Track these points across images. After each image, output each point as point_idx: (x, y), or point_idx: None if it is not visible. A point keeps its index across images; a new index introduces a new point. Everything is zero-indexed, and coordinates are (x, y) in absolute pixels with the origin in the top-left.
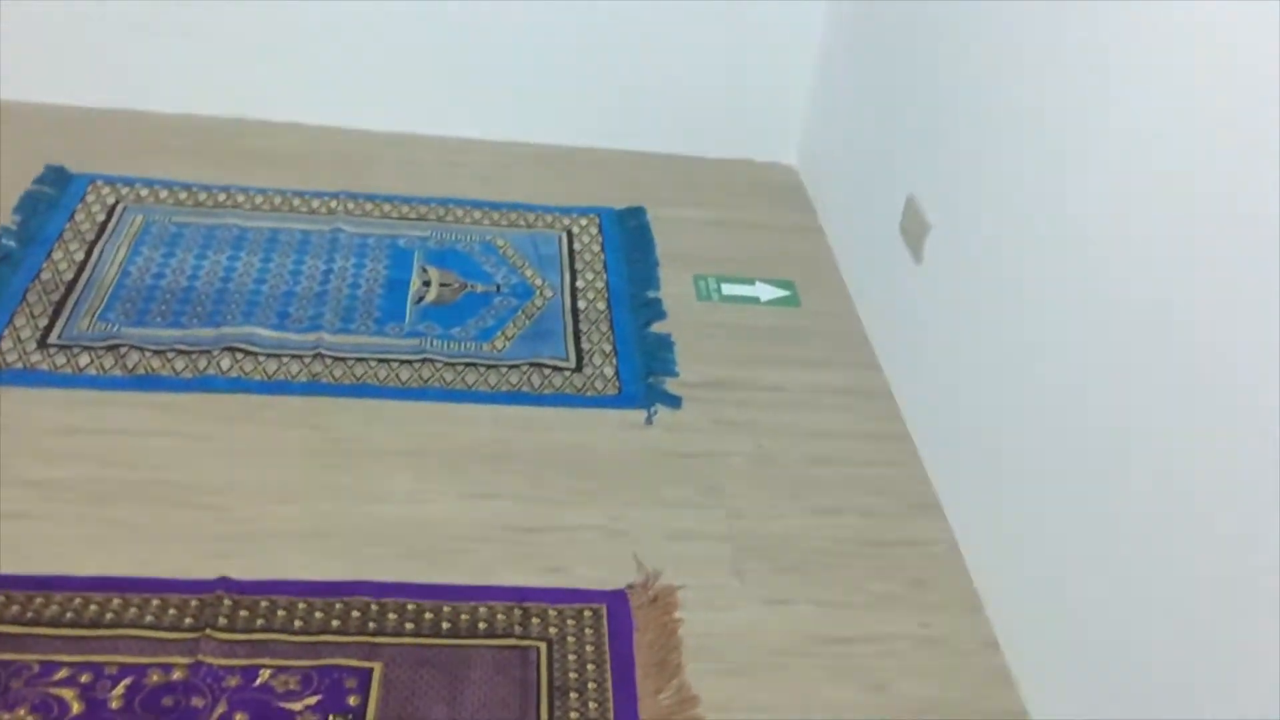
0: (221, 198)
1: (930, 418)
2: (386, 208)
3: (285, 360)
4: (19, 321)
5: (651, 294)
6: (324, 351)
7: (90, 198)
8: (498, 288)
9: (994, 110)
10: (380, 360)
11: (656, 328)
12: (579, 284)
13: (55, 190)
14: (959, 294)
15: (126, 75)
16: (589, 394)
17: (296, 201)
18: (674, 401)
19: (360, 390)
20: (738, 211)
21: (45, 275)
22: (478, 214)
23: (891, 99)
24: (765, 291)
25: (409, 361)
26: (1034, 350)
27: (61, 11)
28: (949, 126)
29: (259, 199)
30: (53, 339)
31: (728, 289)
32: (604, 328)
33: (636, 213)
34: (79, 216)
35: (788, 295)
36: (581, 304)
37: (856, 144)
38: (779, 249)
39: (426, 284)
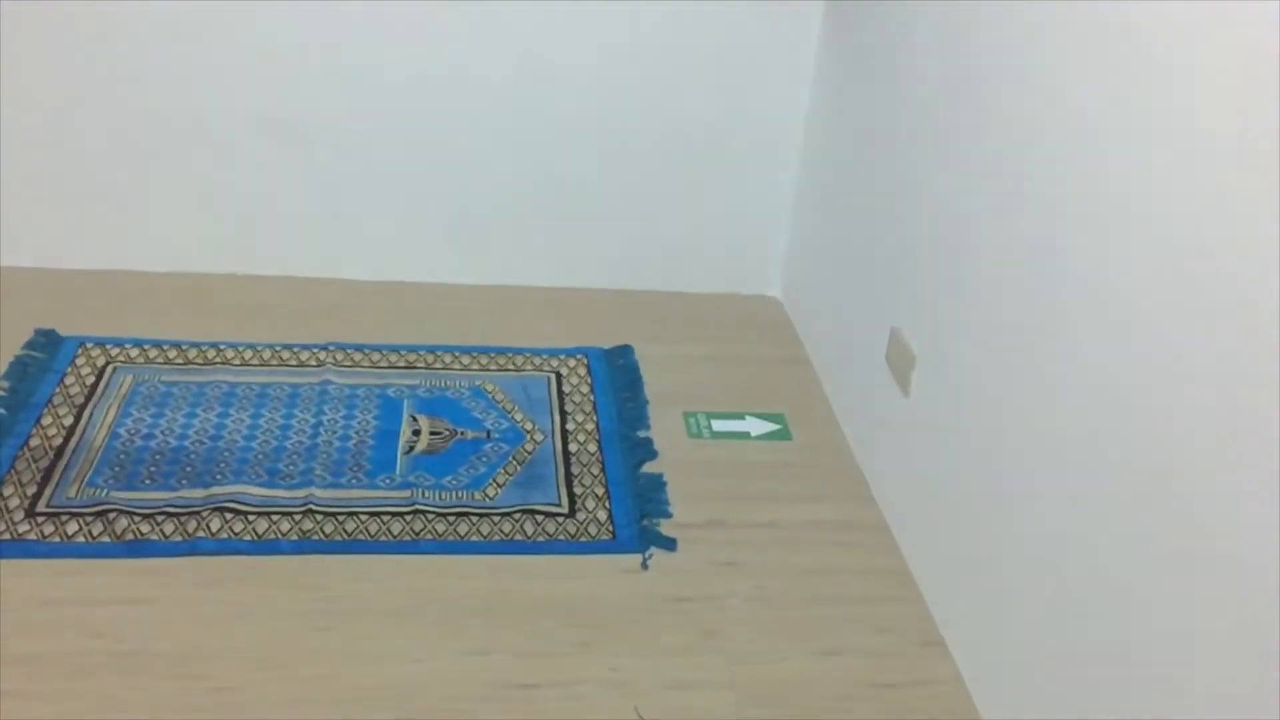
0: (211, 354)
1: (928, 550)
2: (375, 357)
3: (275, 518)
4: (6, 491)
5: (642, 433)
6: (314, 507)
7: (80, 360)
8: (488, 434)
9: (969, 242)
10: (371, 514)
11: (648, 468)
12: (569, 426)
13: (45, 354)
14: (948, 425)
15: (114, 236)
16: (583, 540)
17: (286, 354)
18: (669, 544)
19: (352, 546)
20: (724, 346)
21: (34, 442)
22: (466, 359)
23: (869, 232)
24: (756, 426)
25: (400, 514)
26: (1029, 481)
27: (48, 177)
28: (927, 260)
29: (248, 354)
30: (41, 507)
31: (718, 425)
32: (596, 470)
33: (624, 351)
34: (69, 379)
35: (778, 429)
36: (573, 447)
37: (838, 276)
38: (767, 382)
39: (416, 433)
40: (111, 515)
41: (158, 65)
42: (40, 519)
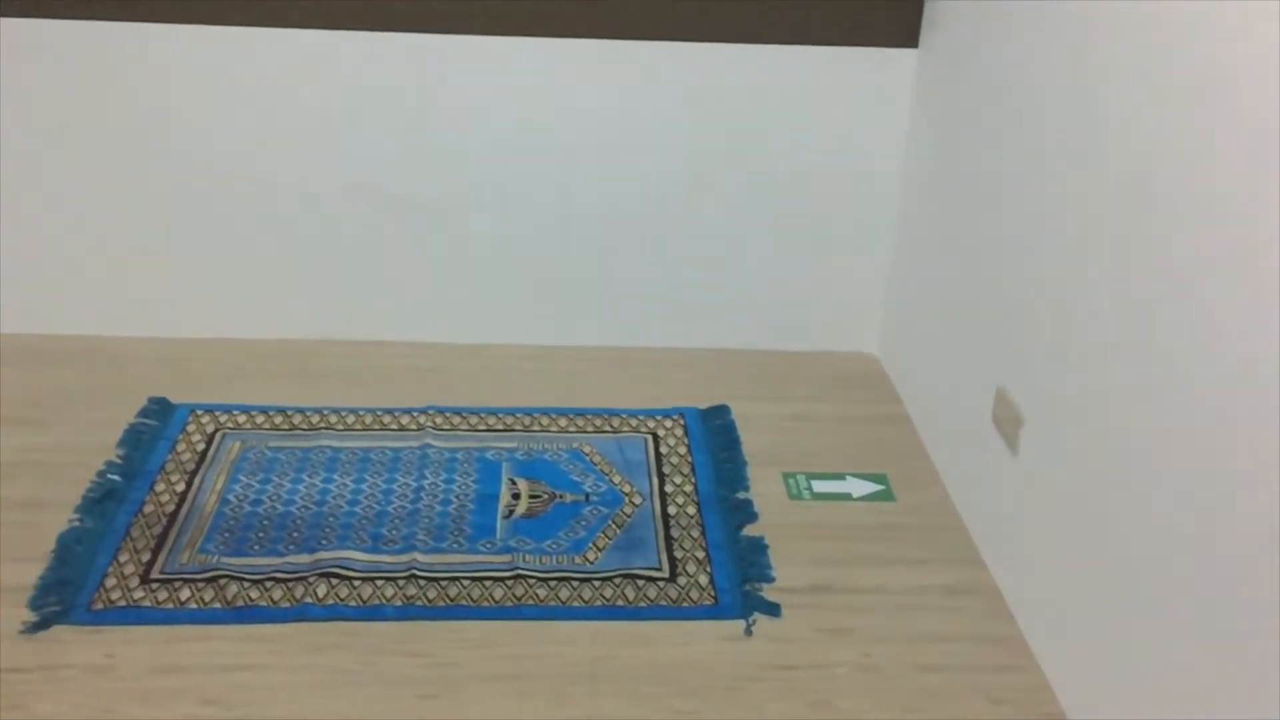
0: (315, 419)
1: (1043, 617)
2: (473, 420)
3: (380, 584)
4: (123, 558)
5: (741, 495)
6: (417, 572)
7: (191, 427)
8: (587, 497)
9: (1080, 299)
10: (473, 579)
11: (749, 531)
12: (668, 489)
13: (158, 421)
14: (1062, 487)
15: (221, 305)
16: (685, 605)
17: (386, 419)
18: (773, 610)
19: (454, 612)
20: (822, 405)
21: (148, 508)
22: (563, 421)
23: (972, 287)
24: (857, 487)
25: (502, 579)
26: (1151, 546)
27: (158, 250)
28: (1035, 317)
29: (350, 419)
30: (155, 573)
31: (819, 486)
32: (695, 534)
33: (721, 411)
34: (180, 446)
35: (881, 490)
36: (672, 509)
37: (940, 333)
38: (867, 441)
39: (516, 496)
40: (222, 581)
41: (262, 138)
42: (154, 585)
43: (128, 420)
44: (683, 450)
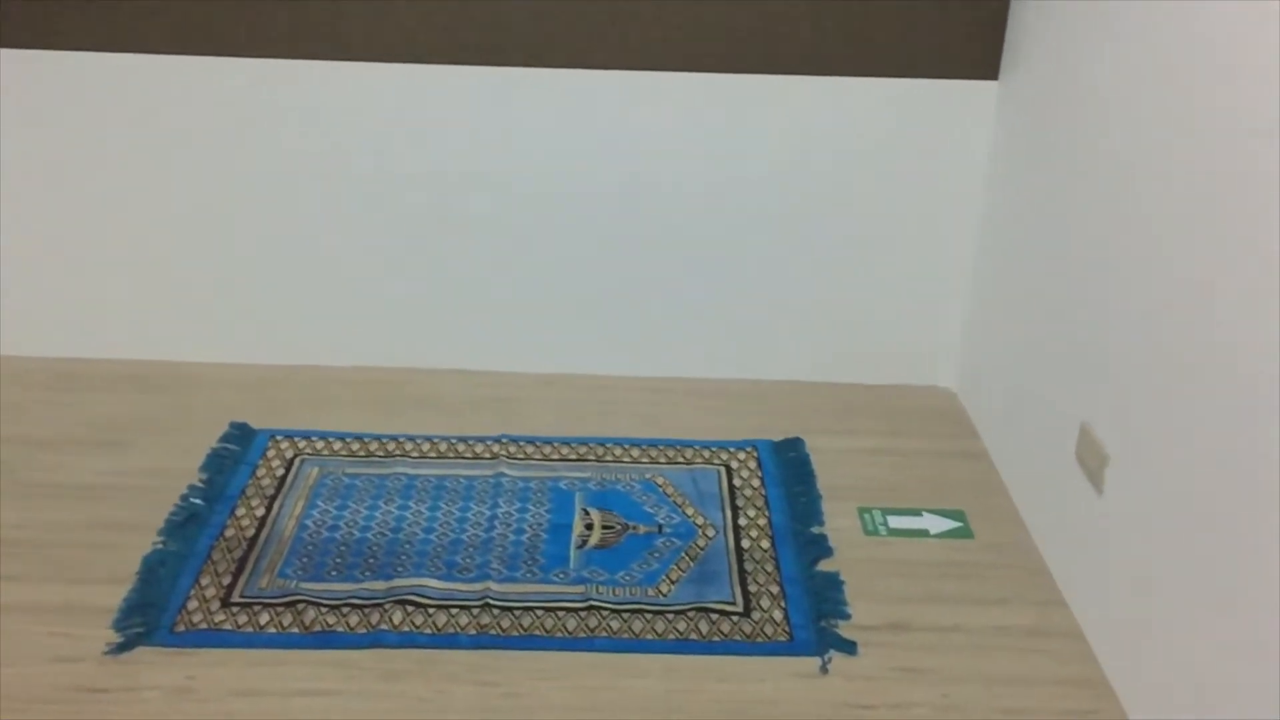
0: (391, 447)
1: (1129, 662)
2: (546, 450)
3: (454, 612)
4: (204, 581)
5: (816, 530)
6: (491, 601)
7: (271, 452)
8: (660, 528)
9: (1167, 332)
10: (547, 609)
11: (824, 566)
12: (741, 521)
13: (239, 446)
14: (1149, 527)
15: (303, 334)
16: (759, 640)
17: (461, 447)
18: (849, 647)
19: (528, 642)
20: (898, 439)
21: (229, 532)
22: (636, 452)
23: (1054, 320)
24: (934, 523)
25: (575, 610)
26: (1243, 591)
27: (240, 281)
28: (1120, 351)
29: (425, 446)
30: (235, 597)
31: (894, 522)
32: (770, 568)
33: (795, 444)
34: (260, 471)
35: (959, 526)
36: (745, 543)
37: (1019, 367)
38: (944, 477)
39: (589, 527)
40: (300, 606)
41: (342, 169)
42: (234, 609)
43: (210, 445)
44: (756, 483)
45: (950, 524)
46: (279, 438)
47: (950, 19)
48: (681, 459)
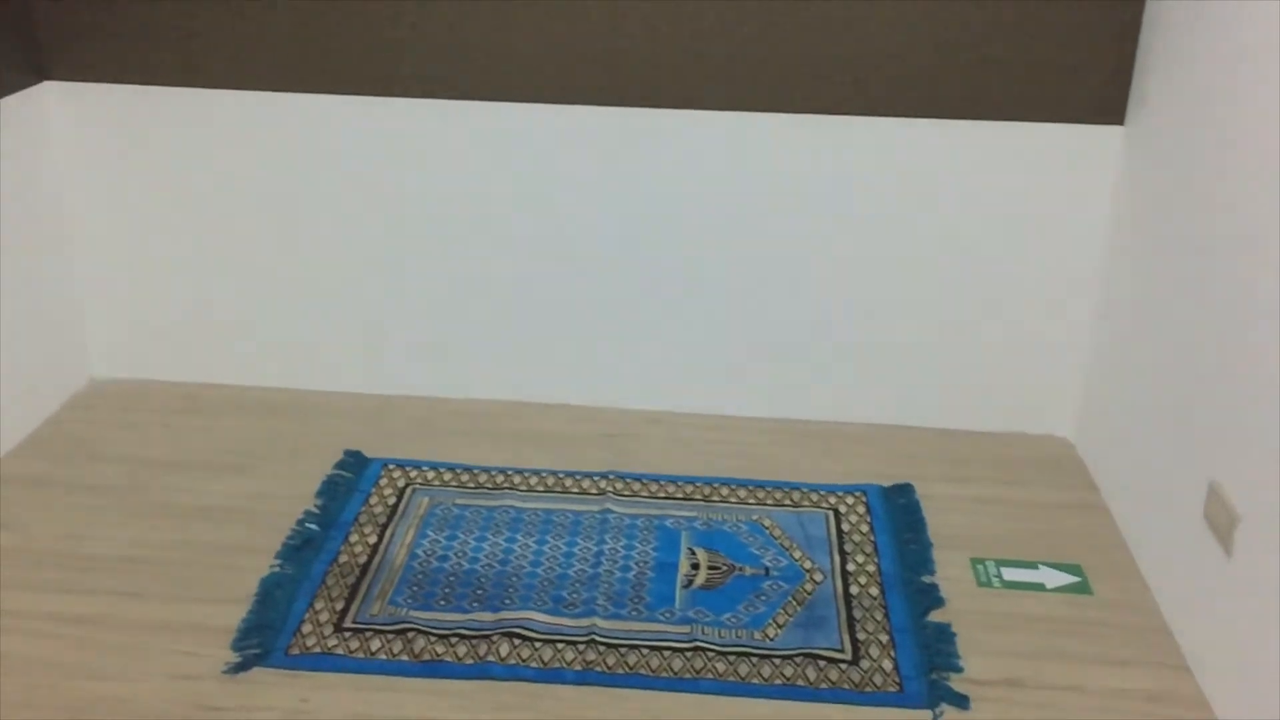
0: (499, 479)
1: None
2: (653, 487)
3: (560, 647)
4: (318, 605)
5: (927, 579)
6: (597, 638)
7: (383, 481)
8: (766, 571)
9: None
10: (652, 648)
11: (935, 616)
12: (850, 567)
13: (353, 474)
14: None
15: (416, 365)
16: (868, 690)
17: (568, 481)
18: (961, 702)
19: (633, 681)
20: (1012, 488)
21: (343, 558)
22: (743, 493)
23: (1182, 374)
24: (1051, 577)
25: (680, 650)
26: None
27: (359, 313)
28: (1254, 407)
29: (533, 479)
30: (348, 622)
31: (1009, 574)
32: (879, 616)
33: (905, 490)
34: (373, 499)
35: (1077, 582)
36: (854, 589)
37: (1143, 420)
38: (1061, 530)
39: (695, 567)
40: (410, 634)
41: (463, 205)
42: (347, 634)
43: (325, 471)
44: (865, 528)
45: (1068, 579)
46: (391, 466)
47: (1075, 61)
48: (789, 502)
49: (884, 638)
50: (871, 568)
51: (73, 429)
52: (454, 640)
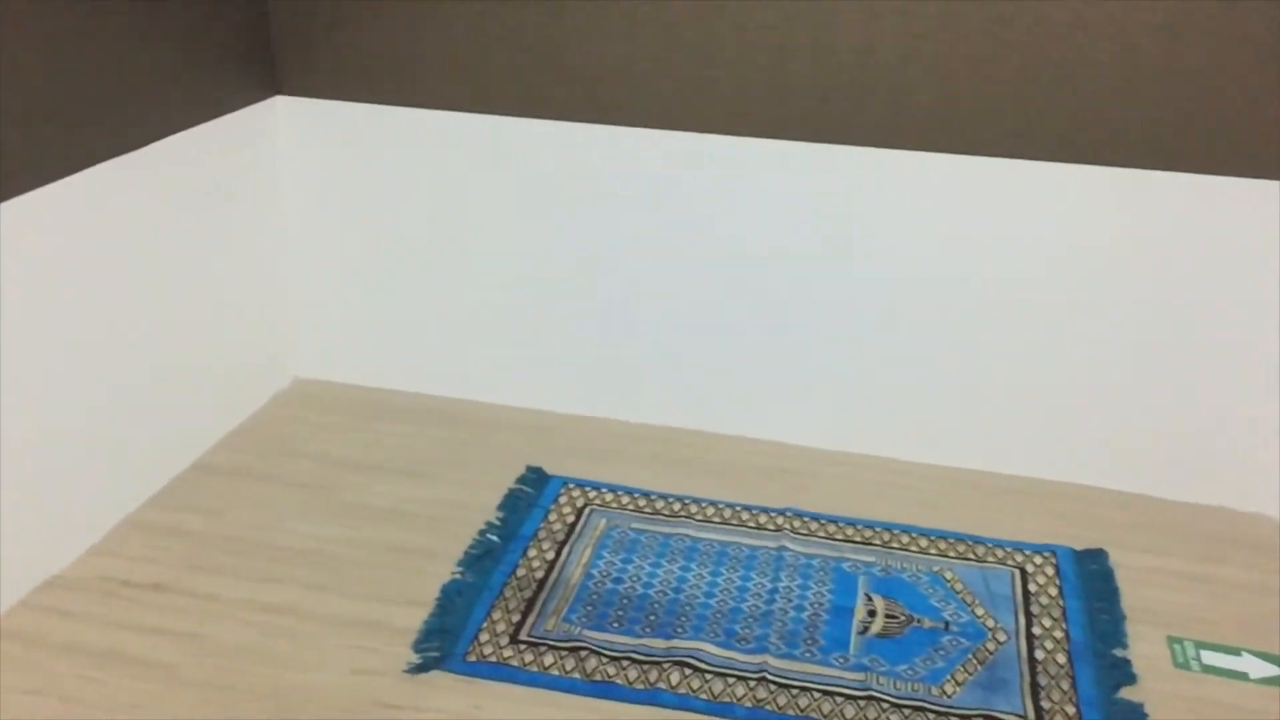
0: (676, 507)
1: None
2: (831, 528)
3: (731, 681)
4: (496, 615)
5: (1119, 652)
6: (769, 676)
7: (562, 499)
8: (946, 624)
9: None
10: (824, 692)
11: (1126, 693)
12: (1035, 630)
13: (534, 490)
14: None
15: (599, 387)
16: None
17: (744, 515)
18: None
19: None
20: (1213, 566)
21: (521, 572)
22: (924, 542)
23: None
24: (1255, 667)
25: (853, 698)
26: None
27: (546, 332)
28: None
29: (709, 510)
30: (523, 635)
31: (1208, 658)
32: (1065, 685)
33: (1098, 556)
34: (552, 516)
35: None
36: (1039, 654)
37: None
38: (1268, 616)
39: (871, 613)
40: (583, 653)
41: (647, 233)
42: (522, 646)
43: (507, 485)
44: (1053, 591)
45: (1275, 670)
46: (571, 485)
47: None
48: (973, 555)
49: (1070, 709)
50: (1059, 633)
51: (274, 425)
52: (625, 663)
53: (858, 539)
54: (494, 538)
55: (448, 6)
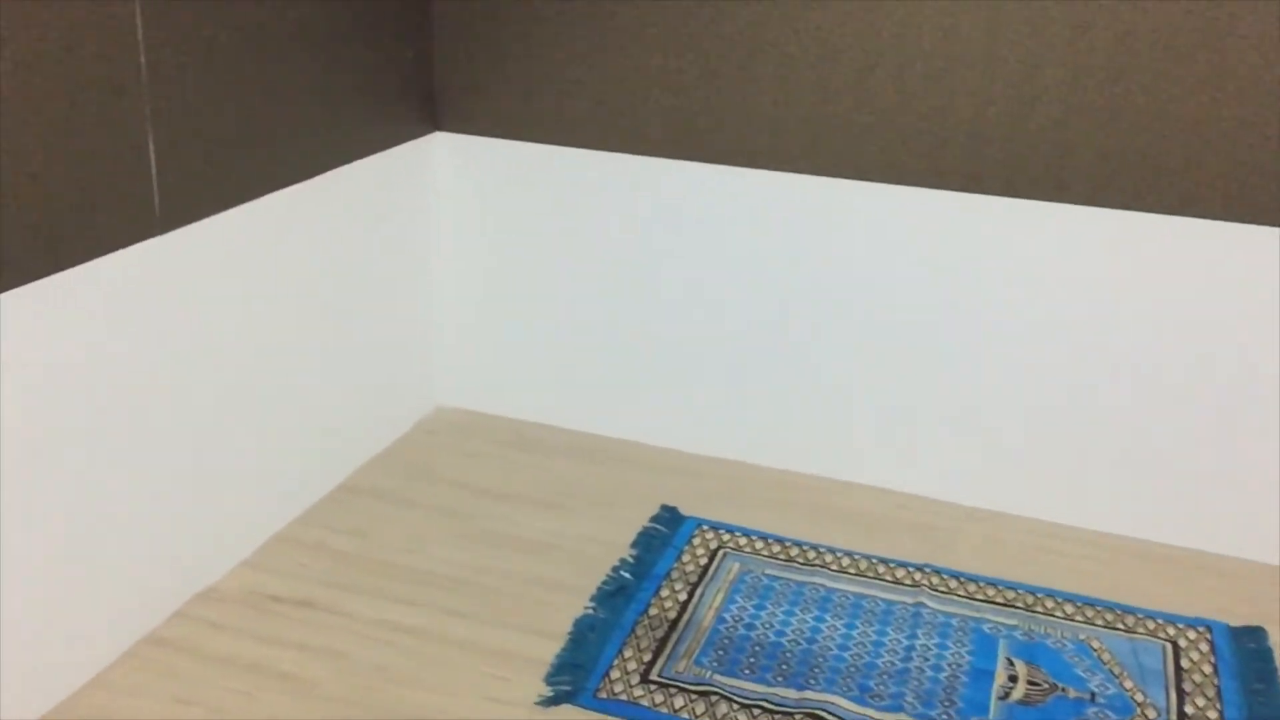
0: (810, 555)
1: None
2: (971, 588)
3: None
4: (627, 653)
5: None
6: None
7: (696, 540)
8: (1092, 696)
9: None
10: None
11: None
12: (1188, 709)
13: (668, 529)
14: None
15: (735, 430)
16: None
17: (881, 568)
18: None
19: None
20: None
21: (653, 610)
22: (1070, 608)
23: None
24: None
25: None
26: None
27: (682, 370)
28: None
29: (845, 560)
30: (654, 674)
31: None
32: None
33: (1256, 634)
34: (685, 557)
35: None
36: None
37: None
38: None
39: (1013, 679)
40: (714, 698)
41: (791, 280)
42: (652, 687)
43: (641, 522)
44: (1208, 669)
45: None
46: (705, 527)
47: None
48: (1122, 625)
49: None
50: (1213, 714)
51: (417, 451)
52: (756, 711)
53: (999, 600)
54: (627, 575)
55: (605, 49)
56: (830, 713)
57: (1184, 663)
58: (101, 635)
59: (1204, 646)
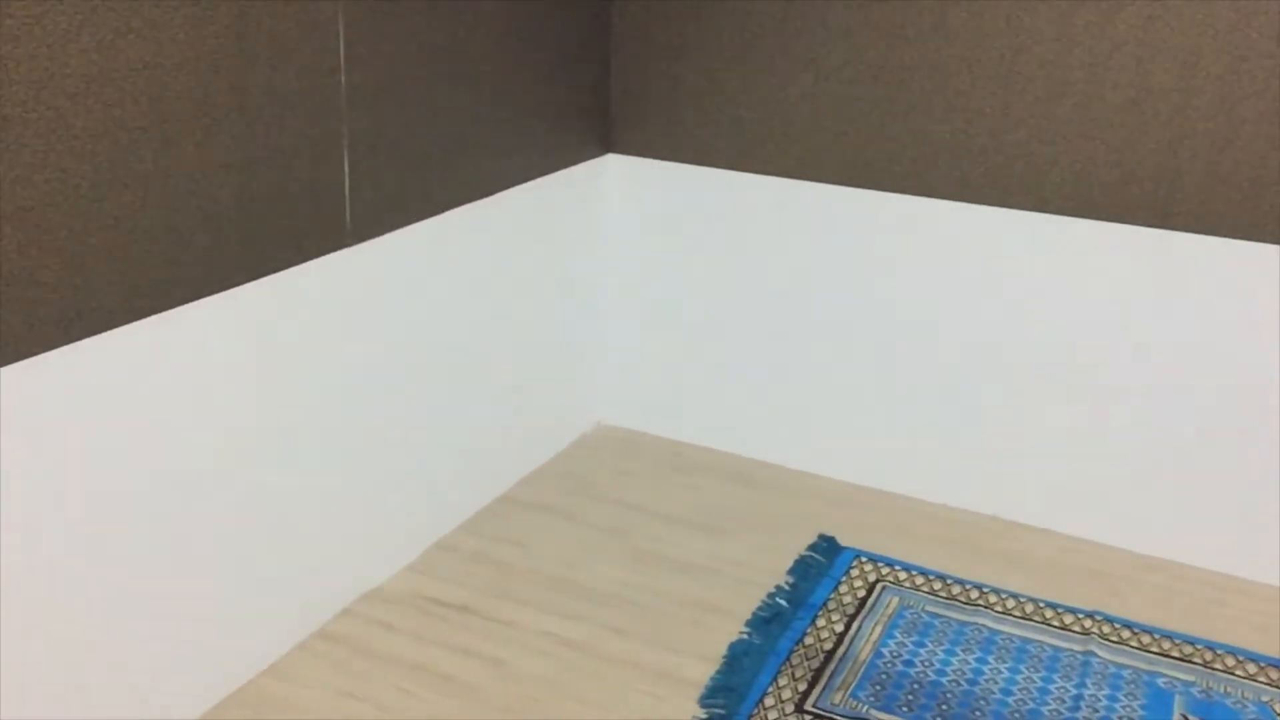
0: (974, 594)
1: None
2: (1145, 639)
3: None
4: (782, 681)
5: None
6: None
7: (854, 571)
8: None
9: None
10: None
11: None
12: None
13: (825, 559)
14: None
15: (898, 463)
16: None
17: (1049, 613)
18: None
19: None
20: None
21: (809, 640)
22: (1252, 667)
23: None
24: None
25: None
26: None
27: (844, 399)
28: None
29: (1010, 603)
30: (809, 705)
31: None
32: None
33: None
34: (842, 588)
35: None
36: None
37: None
38: None
39: None
40: None
41: (950, 312)
42: (807, 717)
43: (798, 550)
44: None
45: None
46: (863, 559)
47: None
48: None
49: None
50: None
51: (577, 467)
52: None
53: (1175, 654)
54: (783, 602)
55: (780, 75)
56: None
57: None
58: (278, 626)
59: None
